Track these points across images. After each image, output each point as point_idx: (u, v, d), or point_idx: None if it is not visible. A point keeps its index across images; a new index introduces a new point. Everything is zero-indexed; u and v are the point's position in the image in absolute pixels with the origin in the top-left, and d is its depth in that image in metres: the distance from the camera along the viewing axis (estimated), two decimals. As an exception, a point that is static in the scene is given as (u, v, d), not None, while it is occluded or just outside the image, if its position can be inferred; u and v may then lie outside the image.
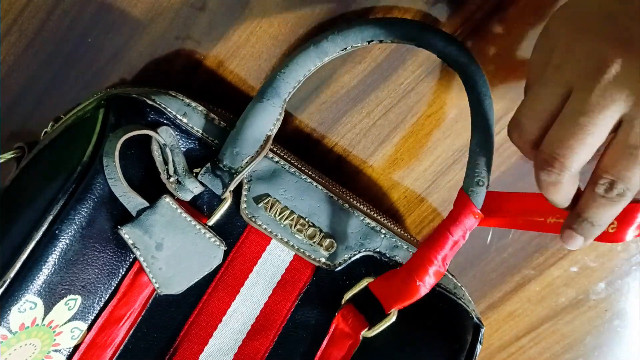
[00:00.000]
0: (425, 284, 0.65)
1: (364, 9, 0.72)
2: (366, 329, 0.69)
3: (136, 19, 0.76)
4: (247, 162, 0.68)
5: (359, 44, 0.68)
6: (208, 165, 0.68)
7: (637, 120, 0.51)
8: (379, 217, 0.74)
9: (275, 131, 0.69)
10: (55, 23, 0.77)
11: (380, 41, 0.67)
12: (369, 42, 0.67)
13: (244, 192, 0.70)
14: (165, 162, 0.66)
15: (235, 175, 0.68)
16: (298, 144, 0.79)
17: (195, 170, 0.68)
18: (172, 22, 0.76)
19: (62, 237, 0.64)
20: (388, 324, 0.69)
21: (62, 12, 0.77)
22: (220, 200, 0.69)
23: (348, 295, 0.71)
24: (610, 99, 0.52)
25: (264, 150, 0.68)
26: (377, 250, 0.71)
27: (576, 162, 0.55)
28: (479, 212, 0.64)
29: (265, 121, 0.68)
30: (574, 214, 0.59)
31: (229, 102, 0.77)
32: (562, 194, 0.58)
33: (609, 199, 0.55)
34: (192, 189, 0.68)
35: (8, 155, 0.71)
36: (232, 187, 0.68)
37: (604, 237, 0.60)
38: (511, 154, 0.78)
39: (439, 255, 0.64)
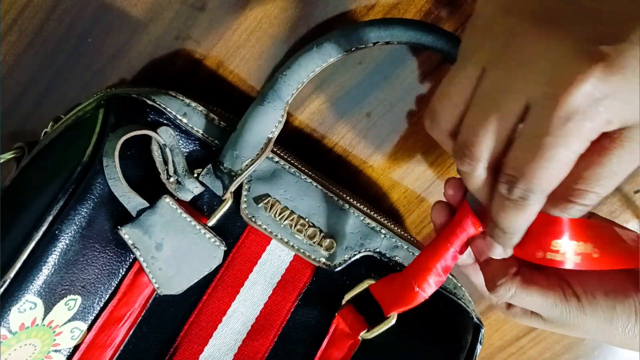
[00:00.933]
0: (425, 291, 0.63)
1: (365, 7, 0.72)
2: (365, 331, 0.70)
3: (136, 19, 0.76)
4: (246, 165, 0.68)
5: (363, 46, 0.66)
6: (209, 166, 0.68)
7: (540, 105, 0.45)
8: (379, 217, 0.74)
9: (276, 134, 0.68)
10: (55, 23, 0.77)
11: (387, 43, 0.66)
12: (374, 44, 0.66)
13: (244, 192, 0.70)
14: (165, 162, 0.66)
15: (235, 177, 0.68)
16: (298, 144, 0.79)
17: (196, 171, 0.68)
18: (172, 22, 0.76)
19: (62, 237, 0.64)
20: (387, 327, 0.69)
21: (62, 12, 0.77)
22: (220, 201, 0.69)
23: (349, 296, 0.71)
24: (517, 80, 0.46)
25: (264, 153, 0.68)
26: (377, 250, 0.71)
27: (485, 150, 0.49)
28: (480, 223, 0.60)
29: (265, 124, 0.67)
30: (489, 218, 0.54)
31: (229, 102, 0.77)
32: (480, 188, 0.53)
33: (513, 202, 0.49)
34: (192, 189, 0.68)
35: (8, 156, 0.71)
36: (232, 188, 0.68)
37: (588, 263, 0.55)
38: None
39: (439, 264, 0.62)
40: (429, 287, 0.63)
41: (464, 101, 0.51)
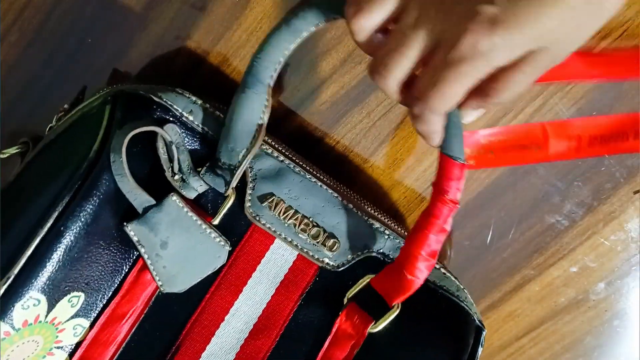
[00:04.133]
0: (418, 277, 0.65)
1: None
2: (372, 324, 0.69)
3: (136, 19, 0.76)
4: (243, 155, 0.67)
5: (334, 18, 0.62)
6: (208, 164, 0.68)
7: (444, 46, 0.52)
8: (382, 218, 0.74)
9: (266, 119, 0.67)
10: (55, 23, 0.77)
11: None
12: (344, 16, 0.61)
13: (249, 191, 0.70)
14: (171, 160, 0.66)
15: (235, 171, 0.67)
16: (298, 144, 0.79)
17: (198, 169, 0.68)
18: (172, 22, 0.76)
19: (67, 234, 0.64)
20: (393, 316, 0.69)
21: (62, 12, 0.77)
22: (224, 199, 0.69)
23: (350, 294, 0.71)
24: (430, 20, 0.53)
25: (257, 141, 0.66)
26: (381, 251, 0.71)
27: (398, 71, 0.56)
28: (454, 200, 0.63)
29: (252, 111, 0.66)
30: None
31: (229, 102, 0.77)
32: (393, 98, 0.60)
33: (417, 117, 0.59)
34: (197, 187, 0.67)
35: (12, 150, 0.71)
36: (233, 183, 0.68)
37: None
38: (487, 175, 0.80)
39: (423, 251, 0.64)
40: (420, 272, 0.65)
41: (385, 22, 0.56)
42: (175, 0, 0.75)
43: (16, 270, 0.62)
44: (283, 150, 0.72)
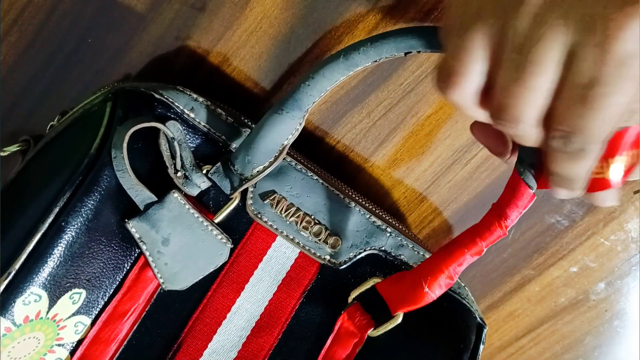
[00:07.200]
0: (434, 292, 0.64)
1: (365, 7, 0.73)
2: (372, 329, 0.69)
3: (136, 20, 0.76)
4: (258, 171, 0.67)
5: (394, 55, 0.59)
6: (219, 164, 0.68)
7: (585, 51, 0.40)
8: (384, 216, 0.74)
9: (291, 141, 0.66)
10: (55, 23, 0.77)
11: (418, 52, 0.62)
12: (405, 54, 0.59)
13: (250, 189, 0.70)
14: (173, 157, 0.66)
15: (244, 182, 0.67)
16: (298, 144, 0.79)
17: (205, 167, 0.68)
18: (172, 23, 0.76)
19: (68, 230, 0.63)
20: (393, 325, 0.69)
21: (62, 13, 0.77)
22: (226, 197, 0.69)
23: (355, 294, 0.71)
24: (548, 27, 0.41)
25: (276, 161, 0.67)
26: (383, 248, 0.71)
27: (528, 110, 0.44)
28: (508, 227, 0.59)
29: (281, 133, 0.65)
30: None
31: (229, 102, 0.77)
32: (531, 143, 0.48)
33: (570, 154, 0.45)
34: (199, 184, 0.67)
35: (13, 148, 0.71)
36: (240, 189, 0.68)
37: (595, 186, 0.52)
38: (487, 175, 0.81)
39: (451, 267, 0.63)
40: (438, 289, 0.64)
41: (490, 56, 0.45)
42: (175, 1, 0.75)
43: (17, 266, 0.62)
44: (285, 148, 0.71)
